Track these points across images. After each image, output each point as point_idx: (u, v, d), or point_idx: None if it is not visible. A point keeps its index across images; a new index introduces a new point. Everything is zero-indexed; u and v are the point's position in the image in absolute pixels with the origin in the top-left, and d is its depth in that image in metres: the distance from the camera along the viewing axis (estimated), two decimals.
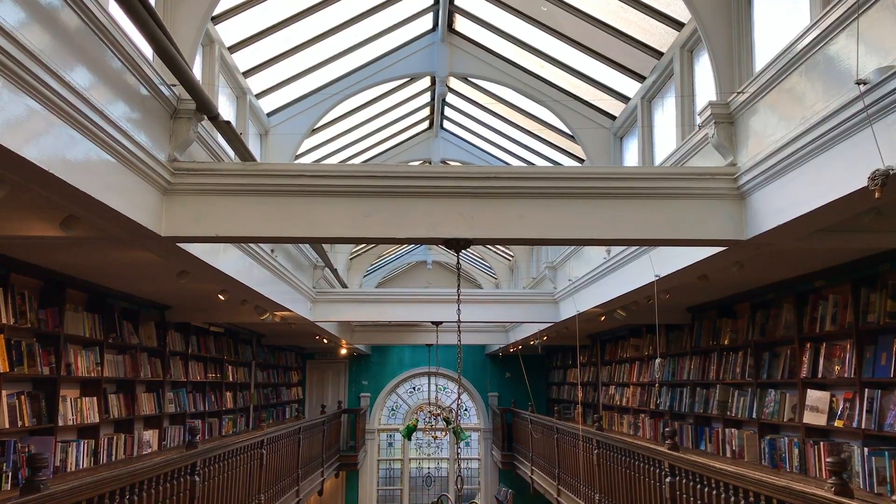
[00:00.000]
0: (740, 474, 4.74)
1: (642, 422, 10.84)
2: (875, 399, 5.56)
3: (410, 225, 4.63)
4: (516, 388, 18.63)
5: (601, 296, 8.20)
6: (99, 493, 4.31)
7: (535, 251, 13.62)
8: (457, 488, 4.55)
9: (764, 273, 6.62)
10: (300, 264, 9.63)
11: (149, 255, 5.53)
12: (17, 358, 5.99)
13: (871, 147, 3.30)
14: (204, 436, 10.21)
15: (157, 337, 8.97)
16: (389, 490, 19.19)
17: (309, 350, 18.50)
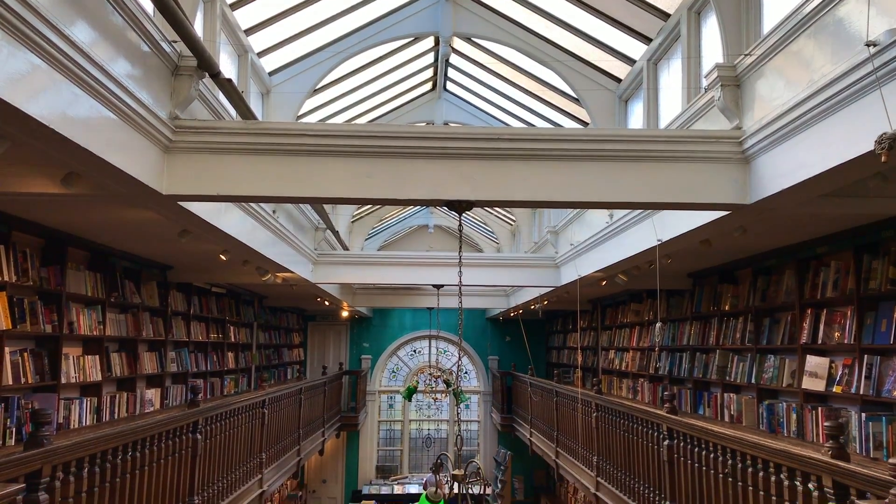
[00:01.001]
0: (738, 437, 4.77)
1: (641, 386, 10.91)
2: (874, 365, 5.58)
3: (413, 186, 4.61)
4: (516, 351, 18.75)
5: (603, 260, 8.19)
6: (102, 448, 4.35)
7: (536, 215, 13.59)
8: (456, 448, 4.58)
9: (766, 239, 6.61)
10: (302, 226, 9.62)
11: (151, 214, 5.52)
12: (20, 315, 6.01)
13: (878, 110, 3.26)
14: (206, 395, 10.29)
15: (158, 297, 9.00)
16: (389, 450, 19.40)
17: (310, 312, 18.57)
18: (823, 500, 3.66)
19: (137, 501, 4.90)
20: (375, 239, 18.17)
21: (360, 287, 15.43)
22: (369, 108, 11.09)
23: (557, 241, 10.70)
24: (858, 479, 3.38)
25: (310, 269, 10.27)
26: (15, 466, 3.38)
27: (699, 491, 5.47)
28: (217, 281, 10.73)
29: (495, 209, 15.70)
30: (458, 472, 4.20)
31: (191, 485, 5.99)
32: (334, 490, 18.47)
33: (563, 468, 10.67)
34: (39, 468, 3.58)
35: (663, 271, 7.45)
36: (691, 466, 5.62)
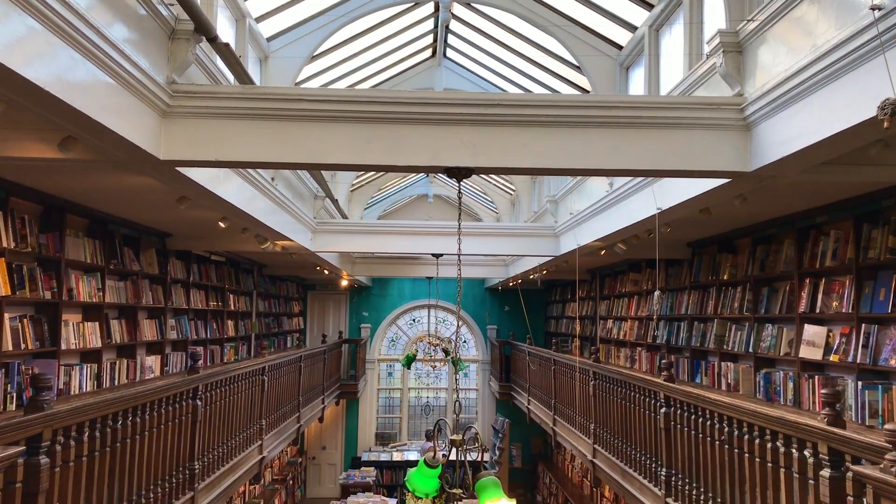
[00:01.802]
0: (735, 405, 4.79)
1: (639, 355, 10.96)
2: (871, 334, 5.60)
3: (411, 152, 4.58)
4: (515, 321, 18.82)
5: (602, 229, 8.18)
6: (102, 413, 4.37)
7: (536, 185, 13.56)
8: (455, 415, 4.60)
9: (766, 208, 6.60)
10: (301, 194, 9.59)
11: (149, 180, 5.50)
12: (19, 282, 6.02)
13: (882, 76, 3.23)
14: (206, 362, 10.34)
15: (157, 264, 9.00)
16: (389, 418, 19.55)
17: (310, 281, 18.61)
18: (819, 466, 3.69)
19: (138, 466, 4.93)
20: (375, 208, 18.14)
21: (359, 256, 15.44)
22: (368, 76, 11.00)
23: (557, 211, 10.69)
24: (854, 445, 3.40)
25: (309, 237, 10.27)
26: (15, 430, 3.39)
27: (695, 458, 5.51)
28: (216, 249, 10.72)
29: (495, 178, 15.65)
30: (456, 437, 4.22)
31: (191, 450, 6.03)
32: (334, 456, 18.64)
33: (560, 436, 10.76)
34: (40, 432, 3.59)
35: (663, 240, 7.45)
36: (688, 434, 5.66)
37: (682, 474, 5.78)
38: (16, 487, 3.35)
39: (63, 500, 3.93)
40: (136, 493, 4.90)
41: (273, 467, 15.05)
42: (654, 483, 6.40)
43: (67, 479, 3.96)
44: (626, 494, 7.24)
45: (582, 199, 9.15)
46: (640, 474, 6.82)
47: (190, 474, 5.99)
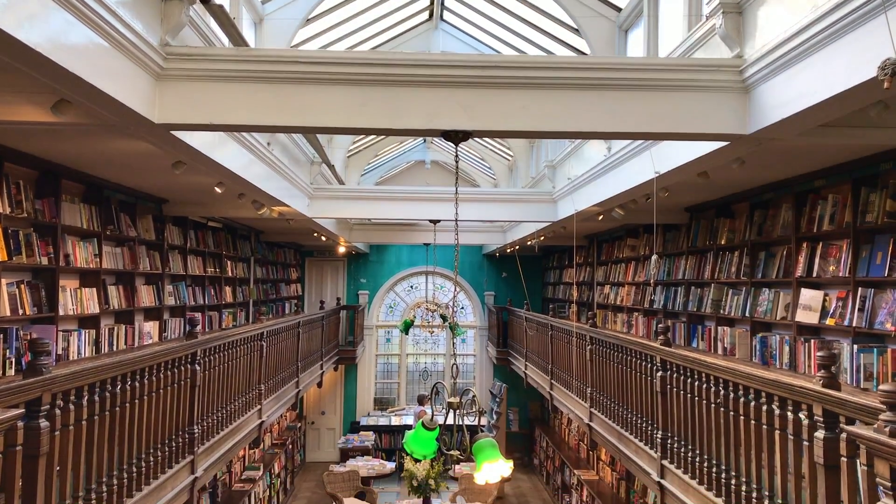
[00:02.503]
0: (731, 368, 4.82)
1: (636, 320, 11.00)
2: (868, 298, 5.62)
3: (408, 115, 4.54)
4: (512, 287, 18.87)
5: (600, 194, 8.16)
6: (101, 378, 4.39)
7: (534, 150, 13.50)
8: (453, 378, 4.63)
9: (764, 172, 6.57)
10: (297, 159, 9.54)
11: (145, 145, 5.46)
12: (15, 247, 6.00)
13: (882, 36, 3.20)
14: (204, 328, 10.37)
15: (154, 230, 8.99)
16: (387, 383, 19.68)
17: (307, 247, 18.60)
18: (813, 428, 3.72)
19: (138, 430, 4.97)
20: (371, 174, 18.06)
21: (356, 222, 15.41)
22: (364, 39, 10.88)
23: (555, 176, 10.65)
24: (848, 407, 3.42)
25: (306, 203, 10.24)
26: (14, 394, 3.40)
27: (691, 421, 5.56)
28: (213, 215, 10.69)
29: (492, 144, 15.57)
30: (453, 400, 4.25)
31: (190, 415, 6.08)
32: (333, 421, 18.80)
33: (557, 400, 10.84)
34: (39, 396, 3.61)
35: (660, 205, 7.44)
36: (684, 397, 5.71)
37: (678, 437, 5.84)
38: (16, 450, 3.36)
39: (63, 463, 3.96)
40: (136, 457, 4.93)
41: (272, 432, 15.18)
42: (651, 446, 6.47)
43: (67, 442, 3.99)
44: (623, 457, 7.31)
45: (580, 163, 9.11)
46: (637, 437, 6.88)
47: (190, 438, 6.03)
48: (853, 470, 3.39)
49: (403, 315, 19.32)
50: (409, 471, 12.05)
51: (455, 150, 5.00)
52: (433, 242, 14.92)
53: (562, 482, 14.47)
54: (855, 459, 3.37)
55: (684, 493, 5.61)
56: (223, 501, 10.79)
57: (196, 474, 6.06)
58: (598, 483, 12.11)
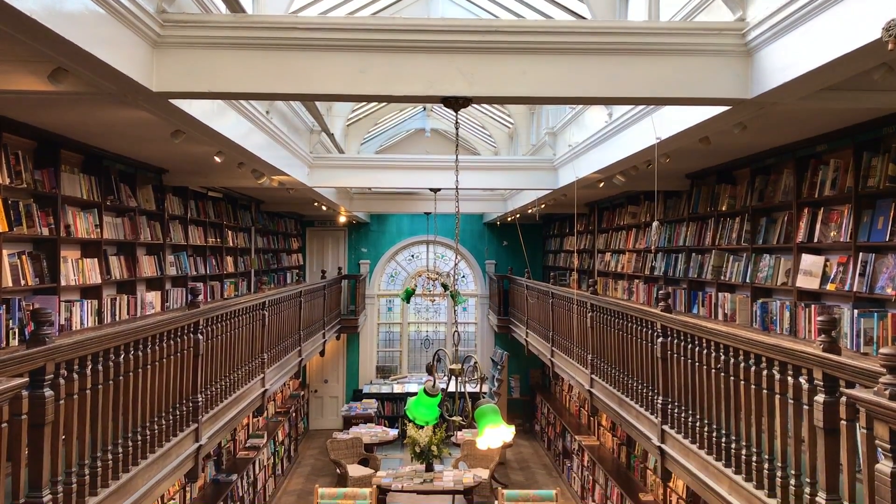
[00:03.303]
0: (731, 333, 4.84)
1: (636, 287, 11.03)
2: (869, 262, 5.62)
3: (407, 82, 4.50)
4: (513, 256, 18.88)
5: (601, 161, 8.13)
6: (104, 347, 4.40)
7: (535, 117, 13.42)
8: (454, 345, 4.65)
9: (766, 137, 6.54)
10: (296, 128, 9.50)
11: (144, 114, 5.43)
12: (16, 218, 5.99)
13: None
14: (206, 298, 10.39)
15: (155, 200, 8.97)
16: (389, 352, 19.79)
17: (308, 217, 18.59)
18: (813, 392, 3.73)
19: (142, 399, 5.00)
20: (371, 143, 17.98)
21: (357, 192, 15.38)
22: (363, 5, 10.75)
23: (556, 143, 10.60)
24: (848, 371, 3.44)
25: (305, 172, 10.20)
26: (18, 363, 3.42)
27: (692, 386, 5.60)
28: (212, 184, 10.67)
29: (492, 111, 15.47)
30: (455, 366, 4.27)
31: (194, 383, 6.12)
32: (335, 389, 18.94)
33: (558, 367, 10.90)
34: (42, 365, 3.62)
35: (661, 172, 7.41)
36: (684, 363, 5.74)
37: (679, 402, 5.88)
38: (22, 419, 3.39)
39: (69, 432, 3.99)
40: (140, 425, 4.97)
41: (276, 400, 15.30)
42: (651, 411, 6.51)
43: (72, 411, 4.02)
44: (623, 422, 7.37)
45: (581, 130, 9.06)
46: (637, 403, 6.93)
47: (193, 407, 6.08)
48: (852, 433, 3.41)
49: (405, 284, 19.36)
50: (412, 437, 12.17)
51: (455, 117, 4.97)
52: (434, 211, 14.89)
53: (563, 448, 14.61)
54: (854, 423, 3.39)
55: (685, 457, 5.66)
56: (228, 469, 10.90)
57: (200, 442, 6.11)
58: (598, 448, 12.23)
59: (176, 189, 9.79)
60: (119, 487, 4.53)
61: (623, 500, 10.10)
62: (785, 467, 4.15)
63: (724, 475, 4.87)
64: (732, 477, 4.75)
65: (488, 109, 15.43)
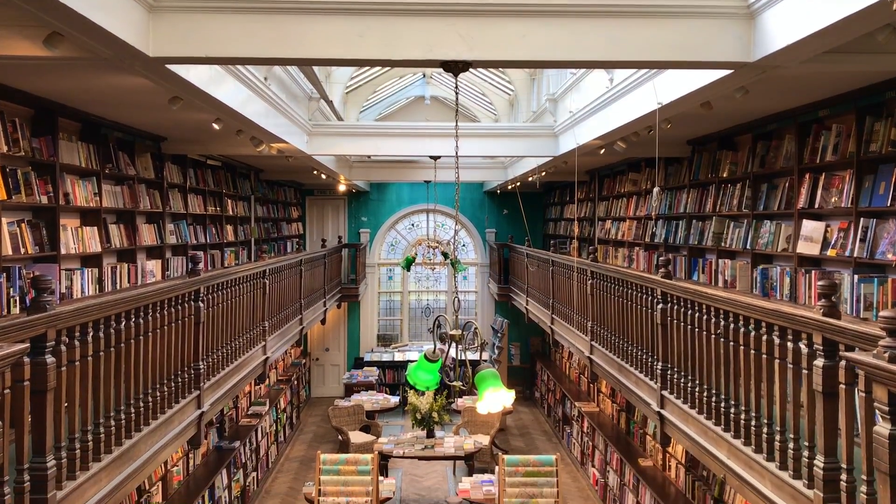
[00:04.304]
0: (731, 299, 4.84)
1: (637, 255, 11.03)
2: (870, 228, 5.60)
3: (407, 46, 4.45)
4: (514, 224, 18.87)
5: (602, 127, 8.08)
6: (105, 314, 4.41)
7: (535, 84, 13.32)
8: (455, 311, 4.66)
9: (768, 102, 6.49)
10: (295, 95, 9.43)
11: (141, 81, 5.39)
12: (14, 186, 5.97)
13: None
14: (207, 267, 10.40)
15: (153, 168, 8.93)
16: (390, 320, 19.87)
17: (308, 186, 18.54)
18: (812, 357, 3.74)
19: (143, 366, 5.02)
20: (370, 111, 17.88)
21: (356, 160, 15.31)
22: None
23: (556, 110, 10.53)
24: (848, 335, 3.44)
25: (304, 140, 10.15)
26: (19, 330, 3.42)
27: (691, 352, 5.62)
28: (211, 153, 10.63)
29: (492, 78, 15.36)
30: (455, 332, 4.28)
31: (196, 351, 6.14)
32: (337, 357, 19.04)
33: (558, 334, 10.94)
34: (44, 332, 3.62)
35: (663, 138, 7.36)
36: (684, 329, 5.75)
37: (678, 368, 5.90)
38: (24, 385, 3.40)
39: (71, 399, 4.01)
40: (142, 392, 5.00)
41: (278, 368, 15.39)
42: (650, 377, 6.55)
43: (74, 378, 4.03)
44: (623, 388, 7.41)
45: (582, 96, 9.00)
46: (637, 369, 6.97)
47: (195, 374, 6.11)
48: (851, 397, 3.43)
49: (405, 253, 19.36)
50: (413, 404, 12.27)
51: (455, 82, 4.93)
52: (434, 180, 14.85)
53: (562, 414, 14.72)
54: (853, 387, 3.41)
55: (684, 422, 5.70)
56: (230, 436, 10.99)
57: (202, 409, 6.15)
58: (598, 415, 12.32)
59: (175, 157, 9.74)
60: (122, 453, 4.56)
61: (622, 465, 10.20)
62: (784, 431, 4.18)
63: (723, 440, 4.91)
64: (731, 441, 4.79)
65: (488, 76, 15.32)
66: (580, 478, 12.72)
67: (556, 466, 8.64)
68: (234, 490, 10.45)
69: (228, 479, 10.12)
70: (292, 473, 13.11)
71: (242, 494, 10.92)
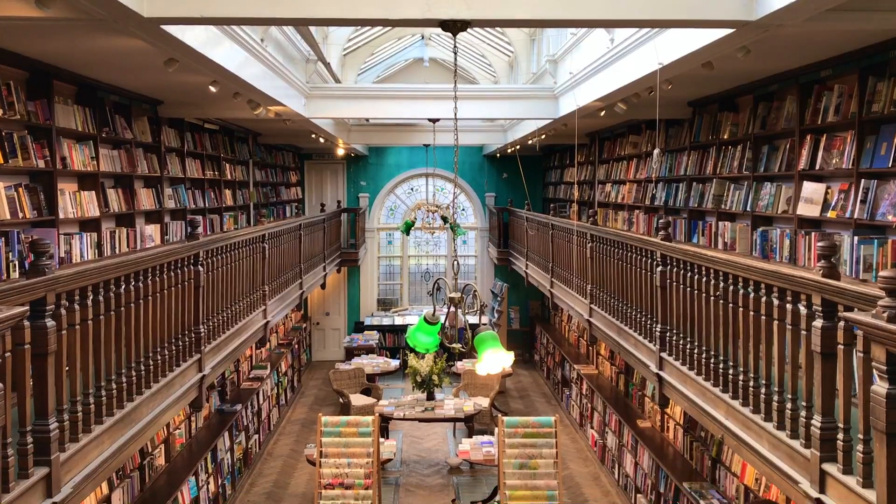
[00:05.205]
0: (730, 261, 4.84)
1: (636, 218, 11.01)
2: (870, 189, 5.58)
3: (404, 5, 4.38)
4: (513, 188, 18.81)
5: (602, 88, 8.01)
6: (104, 278, 4.40)
7: (535, 45, 13.18)
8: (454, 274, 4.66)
9: (769, 62, 6.41)
10: (292, 57, 9.33)
11: (137, 42, 5.32)
12: (10, 150, 5.93)
13: None
14: (206, 231, 10.39)
15: (151, 132, 8.87)
16: (390, 285, 19.91)
17: (306, 150, 18.45)
18: (811, 318, 3.74)
19: (144, 330, 5.02)
20: (369, 73, 17.71)
21: (354, 123, 15.21)
22: None
23: (556, 71, 10.43)
24: (847, 295, 3.44)
25: (302, 102, 10.07)
26: (18, 293, 3.42)
27: (690, 314, 5.62)
28: (208, 116, 10.55)
29: (492, 38, 15.19)
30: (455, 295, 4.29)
31: (196, 315, 6.15)
32: (337, 322, 19.12)
33: (557, 297, 10.97)
34: (43, 296, 3.62)
35: (663, 100, 7.30)
36: (683, 291, 5.75)
37: (677, 330, 5.92)
38: (25, 348, 3.41)
39: (72, 362, 4.02)
40: (143, 356, 5.01)
41: (278, 332, 15.46)
42: (650, 339, 6.57)
43: (75, 342, 4.03)
44: (622, 350, 7.45)
45: (582, 57, 8.90)
46: (636, 331, 6.99)
47: (196, 337, 6.12)
48: (849, 357, 3.44)
49: (404, 217, 19.33)
50: (413, 367, 12.34)
51: (453, 43, 4.87)
52: (433, 143, 14.76)
53: (562, 377, 14.82)
54: (851, 347, 3.42)
55: (682, 383, 5.73)
56: (232, 399, 11.08)
57: (204, 372, 6.18)
58: (597, 377, 12.40)
59: (172, 121, 9.68)
60: (124, 416, 4.59)
61: (621, 426, 10.29)
62: (782, 392, 4.20)
63: (721, 400, 4.94)
64: (729, 402, 4.81)
65: (487, 37, 15.15)
66: (579, 439, 12.85)
67: (555, 428, 8.71)
68: (237, 452, 10.56)
69: (230, 442, 10.22)
70: (294, 436, 13.24)
71: (245, 456, 11.04)
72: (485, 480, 10.99)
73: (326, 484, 8.41)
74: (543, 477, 8.40)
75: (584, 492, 10.67)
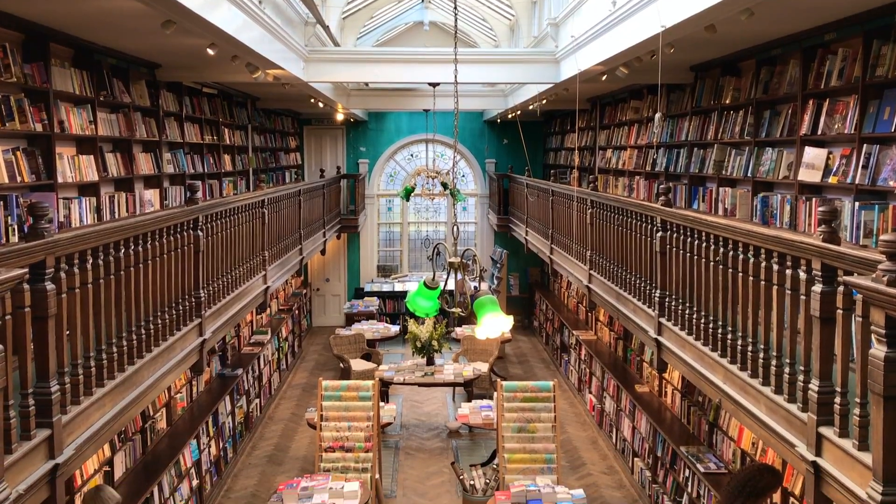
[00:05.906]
0: (730, 226, 4.83)
1: (637, 184, 10.98)
2: (872, 154, 5.55)
3: None
4: (514, 154, 18.73)
5: (604, 52, 7.93)
6: (104, 242, 4.40)
7: (536, 7, 13.03)
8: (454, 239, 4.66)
9: (773, 25, 6.34)
10: (290, 20, 9.22)
11: (133, 3, 5.26)
12: (8, 113, 5.89)
13: None
14: (205, 196, 10.36)
15: (149, 96, 8.80)
16: (389, 251, 19.93)
17: (305, 115, 18.33)
18: (811, 283, 3.74)
19: (144, 294, 5.03)
20: (368, 37, 17.53)
21: (354, 87, 15.09)
22: None
23: (558, 35, 10.32)
24: (847, 260, 3.43)
25: (301, 66, 9.98)
26: (17, 256, 3.41)
27: (689, 280, 5.63)
28: (206, 80, 10.47)
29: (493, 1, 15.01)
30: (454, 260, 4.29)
31: (196, 279, 6.16)
32: (337, 288, 19.17)
33: (557, 264, 10.98)
34: (42, 259, 3.61)
35: (665, 64, 7.22)
36: (683, 256, 5.75)
37: (676, 295, 5.93)
38: (25, 311, 3.42)
39: (72, 326, 4.03)
40: (144, 320, 5.03)
41: (279, 298, 15.50)
42: (648, 304, 6.58)
43: (75, 305, 4.04)
44: (621, 316, 7.47)
45: (584, 20, 8.80)
46: (635, 297, 7.00)
47: (196, 302, 6.14)
48: (848, 322, 3.45)
49: (404, 183, 19.27)
50: (413, 333, 12.40)
51: (454, 4, 4.81)
52: (433, 108, 14.66)
53: (560, 343, 14.90)
54: (850, 312, 3.43)
55: (681, 348, 5.76)
56: (233, 364, 11.14)
57: (204, 336, 6.20)
58: (596, 343, 12.46)
59: (170, 85, 9.60)
60: (125, 379, 4.62)
61: (619, 391, 10.36)
62: (780, 357, 4.22)
63: (720, 365, 4.96)
64: (727, 367, 4.84)
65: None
66: (577, 404, 12.95)
67: (553, 392, 8.77)
68: (238, 416, 10.65)
69: (232, 406, 10.31)
70: (295, 400, 13.35)
71: (246, 420, 11.14)
72: (483, 444, 11.10)
73: (327, 447, 8.49)
74: (541, 440, 8.48)
75: (581, 455, 10.79)
